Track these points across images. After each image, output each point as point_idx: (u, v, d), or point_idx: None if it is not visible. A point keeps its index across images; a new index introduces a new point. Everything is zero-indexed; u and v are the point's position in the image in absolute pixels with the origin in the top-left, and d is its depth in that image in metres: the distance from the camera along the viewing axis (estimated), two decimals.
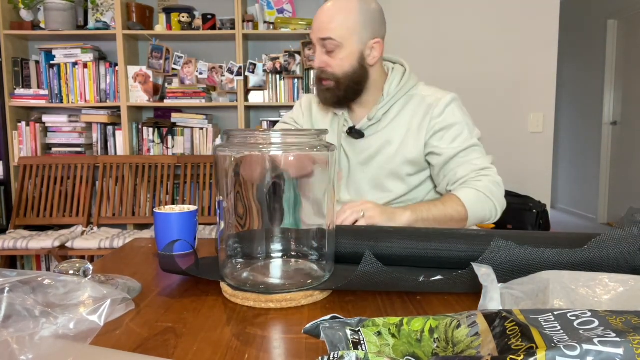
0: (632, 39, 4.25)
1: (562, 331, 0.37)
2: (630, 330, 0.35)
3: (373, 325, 0.47)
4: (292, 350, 0.52)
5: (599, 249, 0.66)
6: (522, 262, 0.67)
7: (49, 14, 2.72)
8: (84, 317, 0.37)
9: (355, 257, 0.75)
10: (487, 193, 1.05)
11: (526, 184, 3.19)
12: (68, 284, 0.40)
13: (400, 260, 0.76)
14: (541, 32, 3.08)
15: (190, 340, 0.54)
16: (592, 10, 4.75)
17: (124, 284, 0.70)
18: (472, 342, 0.41)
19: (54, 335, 0.36)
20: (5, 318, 0.36)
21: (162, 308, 0.64)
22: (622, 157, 4.39)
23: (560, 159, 5.37)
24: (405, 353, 0.45)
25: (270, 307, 0.63)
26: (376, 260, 0.62)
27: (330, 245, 0.72)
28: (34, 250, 2.47)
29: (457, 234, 0.75)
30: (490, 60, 3.12)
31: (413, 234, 0.77)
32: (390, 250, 0.75)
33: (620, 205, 4.40)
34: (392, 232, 0.78)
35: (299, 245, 0.75)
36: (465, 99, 3.60)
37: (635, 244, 0.66)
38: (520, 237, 0.72)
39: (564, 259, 0.66)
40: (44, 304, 0.38)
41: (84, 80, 2.85)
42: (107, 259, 0.89)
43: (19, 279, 0.39)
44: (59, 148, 2.91)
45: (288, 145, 0.67)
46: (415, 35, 3.09)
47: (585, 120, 4.89)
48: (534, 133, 3.17)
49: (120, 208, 2.85)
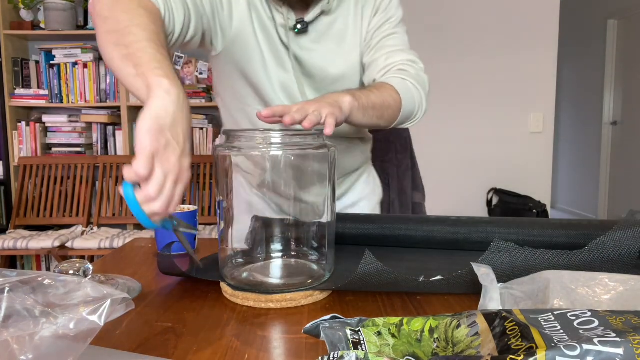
0: (632, 39, 4.25)
1: (562, 331, 0.37)
2: (630, 330, 0.35)
3: (373, 325, 0.47)
4: (292, 350, 0.52)
5: (599, 250, 0.66)
6: (522, 262, 0.67)
7: (49, 14, 2.72)
8: (84, 317, 0.37)
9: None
10: (412, 81, 0.98)
11: (526, 184, 3.19)
12: (68, 284, 0.40)
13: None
14: (541, 32, 3.08)
15: (190, 340, 0.54)
16: (592, 10, 4.75)
17: (124, 284, 0.70)
18: (472, 342, 0.41)
19: (54, 335, 0.36)
20: (5, 318, 0.36)
21: (162, 308, 0.64)
22: (622, 157, 4.39)
23: (560, 159, 5.37)
24: (405, 353, 0.45)
25: (270, 307, 0.63)
26: (376, 260, 0.62)
27: (331, 246, 0.72)
28: (34, 250, 2.47)
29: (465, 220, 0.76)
30: (490, 60, 3.12)
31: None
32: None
33: (620, 205, 4.40)
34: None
35: (299, 245, 0.75)
36: (465, 98, 3.60)
37: (635, 245, 0.66)
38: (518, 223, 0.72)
39: (564, 260, 0.66)
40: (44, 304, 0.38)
41: (84, 80, 2.85)
42: (107, 259, 0.89)
43: (19, 279, 0.39)
44: (59, 148, 2.91)
45: (288, 145, 0.67)
46: (415, 35, 3.08)
47: (585, 120, 4.89)
48: (534, 133, 3.17)
49: (120, 208, 2.85)
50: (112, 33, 0.66)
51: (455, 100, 3.15)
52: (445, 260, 0.80)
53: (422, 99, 0.99)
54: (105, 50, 0.66)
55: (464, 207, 3.22)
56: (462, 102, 3.16)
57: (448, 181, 3.22)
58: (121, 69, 0.63)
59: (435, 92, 3.28)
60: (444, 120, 3.17)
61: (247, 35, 0.89)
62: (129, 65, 0.61)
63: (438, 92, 3.15)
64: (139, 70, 0.60)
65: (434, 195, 3.20)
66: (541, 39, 3.08)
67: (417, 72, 1.00)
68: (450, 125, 3.18)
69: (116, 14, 0.67)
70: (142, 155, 0.52)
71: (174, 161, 0.55)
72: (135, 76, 0.60)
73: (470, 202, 3.24)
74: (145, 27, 0.66)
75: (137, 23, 0.66)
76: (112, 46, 0.65)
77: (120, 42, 0.64)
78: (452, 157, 3.21)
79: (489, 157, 3.19)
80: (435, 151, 3.19)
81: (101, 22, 0.68)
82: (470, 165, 3.21)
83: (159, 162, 0.53)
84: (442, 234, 0.85)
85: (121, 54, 0.63)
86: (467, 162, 3.21)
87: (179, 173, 0.55)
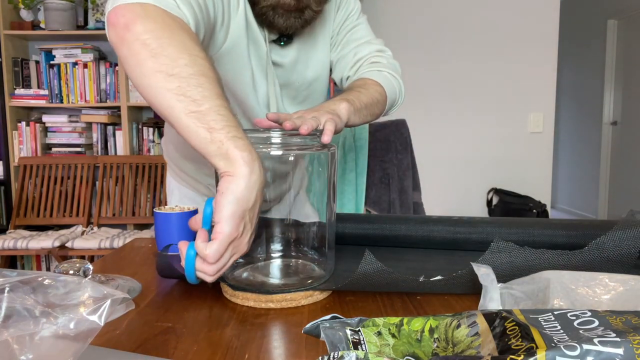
0: (632, 39, 4.25)
1: (562, 331, 0.37)
2: (630, 330, 0.35)
3: (373, 325, 0.47)
4: (292, 350, 0.52)
5: (599, 250, 0.66)
6: (522, 262, 0.67)
7: (49, 14, 2.72)
8: (84, 317, 0.37)
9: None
10: (390, 71, 0.99)
11: (526, 184, 3.19)
12: (68, 284, 0.40)
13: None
14: (541, 32, 3.08)
15: (190, 340, 0.54)
16: (592, 10, 4.75)
17: (124, 284, 0.70)
18: (472, 342, 0.41)
19: (54, 335, 0.36)
20: (5, 318, 0.36)
21: (162, 308, 0.64)
22: (622, 157, 4.39)
23: (560, 159, 5.37)
24: (405, 353, 0.45)
25: (270, 307, 0.63)
26: (376, 260, 0.62)
27: (331, 245, 0.72)
28: (34, 250, 2.47)
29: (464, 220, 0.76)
30: (490, 60, 3.12)
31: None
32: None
33: (620, 205, 4.40)
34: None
35: (299, 245, 0.75)
36: (465, 98, 3.60)
37: (635, 245, 0.66)
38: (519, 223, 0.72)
39: (564, 260, 0.66)
40: (44, 304, 0.38)
41: (84, 80, 2.85)
42: (107, 259, 0.89)
43: (19, 279, 0.39)
44: (59, 148, 2.91)
45: (288, 145, 0.67)
46: (415, 34, 3.09)
47: (585, 120, 4.89)
48: (534, 133, 3.17)
49: (120, 208, 2.85)
50: (170, 77, 0.57)
51: (455, 100, 3.16)
52: (445, 260, 0.80)
53: (401, 86, 1.01)
54: (157, 92, 0.58)
55: (464, 207, 3.22)
56: (462, 102, 3.16)
57: (448, 181, 3.23)
58: (189, 128, 0.56)
59: (435, 92, 3.29)
60: (444, 120, 3.17)
61: (240, 50, 0.86)
62: (200, 126, 0.56)
63: (438, 92, 3.16)
64: (214, 136, 0.55)
65: (434, 195, 3.21)
66: (541, 39, 3.08)
67: (389, 61, 1.01)
68: (450, 125, 3.18)
69: (168, 50, 0.58)
70: (221, 243, 0.53)
71: (245, 244, 0.56)
72: (210, 142, 0.55)
73: (470, 202, 3.24)
74: (210, 76, 0.59)
75: (201, 71, 0.58)
76: (173, 95, 0.57)
77: (186, 94, 0.56)
78: (452, 157, 3.21)
79: (489, 157, 3.19)
80: (435, 151, 3.19)
81: (148, 56, 0.58)
82: (470, 165, 3.21)
83: (231, 246, 0.55)
84: (442, 234, 0.86)
85: (188, 109, 0.56)
86: (467, 162, 3.21)
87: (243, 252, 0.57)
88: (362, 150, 1.53)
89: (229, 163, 0.54)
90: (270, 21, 0.84)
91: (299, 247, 0.75)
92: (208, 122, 0.55)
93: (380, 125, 1.57)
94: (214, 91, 0.58)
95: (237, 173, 0.54)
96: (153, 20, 0.60)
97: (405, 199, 1.58)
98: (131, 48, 0.59)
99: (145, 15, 0.60)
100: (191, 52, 0.59)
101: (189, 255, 0.54)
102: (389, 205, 1.55)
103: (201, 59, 0.60)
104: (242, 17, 0.84)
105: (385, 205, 1.55)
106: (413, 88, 3.05)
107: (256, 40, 0.88)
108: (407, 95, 1.08)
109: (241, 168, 0.54)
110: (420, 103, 3.12)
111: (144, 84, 0.59)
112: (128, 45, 0.59)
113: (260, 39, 0.89)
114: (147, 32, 0.59)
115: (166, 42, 0.59)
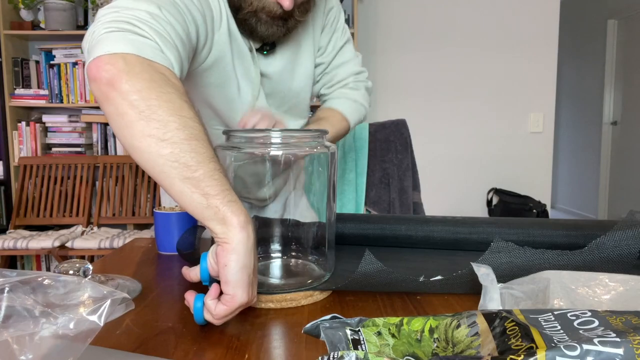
0: (632, 39, 4.25)
1: (562, 331, 0.37)
2: (630, 330, 0.35)
3: (373, 325, 0.47)
4: (292, 350, 0.52)
5: (599, 250, 0.66)
6: (522, 262, 0.67)
7: (49, 13, 2.72)
8: (84, 317, 0.37)
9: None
10: (362, 102, 1.09)
11: (526, 184, 3.19)
12: (68, 284, 0.40)
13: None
14: (541, 32, 3.08)
15: (190, 340, 0.54)
16: (592, 10, 4.75)
17: (124, 284, 0.70)
18: (472, 342, 0.41)
19: (54, 335, 0.36)
20: (5, 318, 0.36)
21: (162, 308, 0.64)
22: (622, 157, 4.39)
23: (560, 159, 5.37)
24: (405, 353, 0.45)
25: (270, 307, 0.63)
26: (376, 260, 0.62)
27: (330, 245, 0.72)
28: (34, 250, 2.47)
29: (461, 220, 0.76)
30: (490, 59, 3.12)
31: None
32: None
33: (620, 205, 4.40)
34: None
35: (299, 245, 0.75)
36: (465, 98, 3.60)
37: (635, 245, 0.66)
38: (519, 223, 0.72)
39: (564, 260, 0.66)
40: (44, 304, 0.38)
41: (84, 80, 2.85)
42: (107, 259, 0.89)
43: (19, 279, 0.39)
44: (59, 148, 2.91)
45: (288, 145, 0.67)
46: (415, 34, 3.09)
47: (585, 120, 4.89)
48: (534, 133, 3.17)
49: (120, 208, 2.85)
50: (162, 143, 0.55)
51: (455, 100, 3.16)
52: (445, 260, 0.80)
53: (366, 110, 1.12)
54: (150, 157, 0.56)
55: (464, 207, 3.23)
56: (462, 102, 3.16)
57: (448, 181, 3.23)
58: (183, 193, 0.56)
59: (435, 92, 3.28)
60: (444, 120, 3.17)
61: (224, 63, 0.86)
62: (195, 192, 0.55)
63: (438, 92, 3.16)
64: (210, 202, 0.55)
65: (434, 195, 3.21)
66: (541, 39, 3.09)
67: (363, 86, 1.11)
68: (450, 125, 3.18)
69: (158, 112, 0.56)
70: (231, 309, 0.55)
71: (249, 301, 0.57)
72: (207, 207, 0.55)
73: (470, 202, 3.24)
74: (202, 138, 0.58)
75: (193, 134, 0.57)
76: (166, 161, 0.55)
77: (179, 160, 0.55)
78: (452, 157, 3.21)
79: (489, 157, 3.19)
80: (435, 151, 3.19)
81: (137, 118, 0.56)
82: (470, 165, 3.21)
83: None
84: (442, 234, 0.86)
85: (182, 175, 0.55)
86: (467, 162, 3.21)
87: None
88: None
89: (225, 228, 0.55)
90: (252, 28, 0.85)
91: (299, 247, 0.75)
92: (203, 188, 0.55)
93: (380, 126, 1.57)
94: (207, 155, 0.57)
95: (235, 240, 0.55)
96: (139, 77, 0.57)
97: (405, 199, 1.58)
98: (118, 108, 0.57)
99: (130, 71, 0.57)
100: (181, 113, 0.57)
101: (197, 307, 0.56)
102: (389, 205, 1.55)
103: (191, 121, 0.58)
104: (225, 31, 0.84)
105: (385, 205, 1.55)
106: (413, 88, 3.05)
107: (241, 52, 0.88)
108: (407, 95, 1.11)
109: (238, 235, 0.55)
110: (420, 103, 3.12)
111: (135, 146, 0.57)
112: (115, 105, 0.57)
113: (245, 49, 0.89)
114: (134, 93, 0.56)
115: (155, 103, 0.56)
